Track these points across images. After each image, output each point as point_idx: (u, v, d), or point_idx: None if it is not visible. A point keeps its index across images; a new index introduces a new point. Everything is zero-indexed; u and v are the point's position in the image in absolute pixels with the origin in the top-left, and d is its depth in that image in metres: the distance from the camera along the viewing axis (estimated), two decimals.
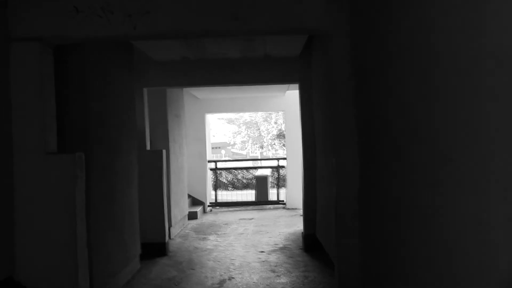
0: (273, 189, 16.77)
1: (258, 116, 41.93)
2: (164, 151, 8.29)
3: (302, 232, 8.53)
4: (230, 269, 7.23)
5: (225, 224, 11.30)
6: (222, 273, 7.03)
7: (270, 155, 53.41)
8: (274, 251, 8.30)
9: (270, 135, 42.00)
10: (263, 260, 7.73)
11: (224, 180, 24.95)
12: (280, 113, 40.25)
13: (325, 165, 6.80)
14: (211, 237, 9.68)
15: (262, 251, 8.29)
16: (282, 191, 14.61)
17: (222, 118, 47.70)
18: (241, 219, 12.01)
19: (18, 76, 4.25)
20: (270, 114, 40.59)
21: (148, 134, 8.27)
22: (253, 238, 9.51)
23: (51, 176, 4.32)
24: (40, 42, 4.26)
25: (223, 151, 60.69)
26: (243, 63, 8.16)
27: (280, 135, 40.94)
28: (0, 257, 4.14)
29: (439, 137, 2.51)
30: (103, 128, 5.87)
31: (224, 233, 10.09)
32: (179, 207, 10.33)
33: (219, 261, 7.72)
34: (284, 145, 42.83)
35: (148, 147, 8.30)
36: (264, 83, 8.37)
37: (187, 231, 10.49)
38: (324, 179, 6.95)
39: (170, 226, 9.51)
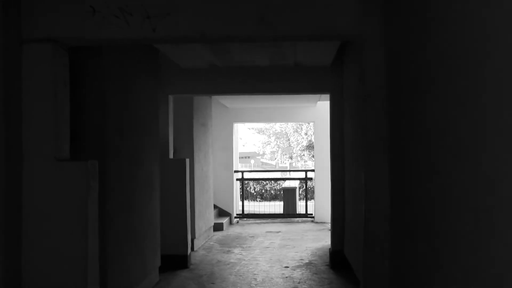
0: (301, 201, 16.46)
1: (289, 126, 41.83)
2: (187, 160, 8.05)
3: (329, 248, 8.17)
4: (252, 285, 6.94)
5: (251, 236, 11.00)
6: None
7: (299, 166, 53.07)
8: (299, 266, 7.97)
9: (300, 146, 41.70)
10: (287, 276, 7.40)
11: (252, 191, 24.69)
12: (311, 124, 40.10)
13: (354, 179, 6.47)
14: (236, 250, 9.39)
15: (286, 267, 7.96)
16: (311, 203, 14.26)
17: (252, 128, 47.64)
18: (268, 231, 11.70)
19: (30, 78, 4.03)
20: (300, 125, 40.39)
21: (171, 142, 8.04)
22: (278, 252, 9.18)
23: (62, 184, 4.07)
24: (54, 43, 4.03)
25: (252, 161, 60.58)
26: (272, 72, 7.88)
27: (310, 146, 40.64)
28: (6, 271, 3.91)
29: (483, 157, 2.18)
30: (123, 136, 5.64)
31: (250, 246, 9.80)
32: (204, 218, 10.07)
33: (241, 276, 7.42)
34: (313, 156, 42.40)
35: (171, 156, 8.07)
36: (293, 92, 8.08)
37: (211, 243, 10.22)
38: (353, 193, 6.62)
39: (193, 237, 9.26)
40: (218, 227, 11.91)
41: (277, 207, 16.19)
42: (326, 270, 7.75)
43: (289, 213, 14.22)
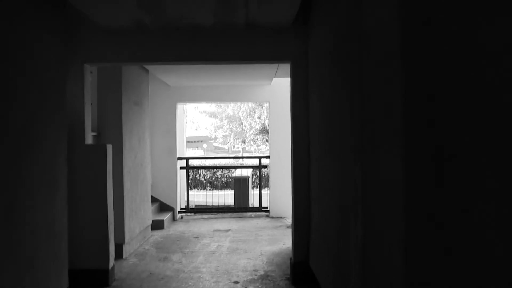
0: (255, 189, 14.83)
1: (242, 110, 40.85)
2: (109, 146, 6.24)
3: (291, 259, 6.50)
4: None
5: (196, 237, 9.27)
6: None
7: (253, 150, 52.00)
8: (252, 281, 6.30)
9: (253, 129, 40.68)
10: None
11: (202, 179, 22.94)
12: (264, 108, 38.94)
13: (326, 170, 4.83)
14: (175, 257, 7.65)
15: (236, 282, 6.28)
16: (265, 192, 12.55)
17: (204, 112, 46.51)
18: (215, 230, 9.99)
19: None
20: (253, 108, 39.38)
21: (89, 124, 6.20)
22: (227, 259, 7.49)
23: None
24: None
25: (205, 145, 59.34)
26: (217, 34, 6.14)
27: (264, 130, 39.91)
28: None
29: None
30: None
31: (192, 251, 8.07)
32: (137, 217, 8.29)
33: None
34: (267, 140, 41.47)
35: (88, 141, 6.25)
36: (244, 60, 6.30)
37: (147, 247, 8.45)
38: (325, 189, 4.99)
39: (122, 243, 7.48)
40: (157, 225, 10.13)
41: (228, 196, 14.53)
42: (286, 286, 6.11)
43: (241, 207, 12.53)
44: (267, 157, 12.01)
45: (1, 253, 3.90)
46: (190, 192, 12.32)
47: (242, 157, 17.16)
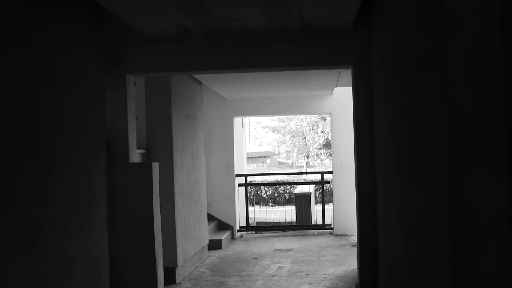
0: (317, 204, 14.14)
1: (304, 124, 40.22)
2: (156, 164, 5.78)
3: (357, 285, 5.82)
4: None
5: (255, 258, 8.69)
6: None
7: (316, 164, 51.23)
8: None
9: (316, 144, 39.99)
10: None
11: (264, 195, 22.39)
12: (327, 122, 38.16)
13: (398, 193, 4.17)
14: (231, 281, 7.10)
15: None
16: (329, 207, 11.82)
17: (267, 127, 46.47)
18: (276, 250, 9.39)
19: None
20: (316, 122, 38.72)
21: (133, 140, 5.76)
22: (287, 284, 6.87)
23: None
24: None
25: (268, 160, 58.89)
26: (269, 38, 5.60)
27: (327, 145, 39.23)
28: None
29: None
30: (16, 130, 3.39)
31: (250, 274, 7.49)
32: (192, 238, 7.81)
33: None
34: (331, 155, 40.46)
35: (135, 159, 5.81)
36: (301, 66, 5.71)
37: (202, 269, 7.95)
38: (395, 208, 4.33)
39: (175, 266, 7.00)
40: (215, 245, 9.62)
41: (290, 212, 13.87)
42: None
43: (303, 225, 11.86)
44: (330, 172, 11.33)
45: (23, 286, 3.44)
46: (251, 209, 11.77)
47: (304, 173, 16.55)
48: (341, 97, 10.80)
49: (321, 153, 41.51)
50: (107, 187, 5.18)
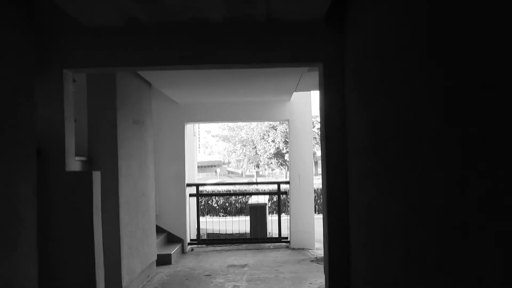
0: (272, 215, 13.51)
1: (255, 133, 39.86)
2: (97, 173, 5.02)
3: None
4: None
5: (207, 275, 7.98)
6: None
7: (267, 174, 50.82)
8: None
9: (267, 153, 39.72)
10: None
11: (215, 204, 21.66)
12: (278, 131, 37.88)
13: (377, 205, 3.58)
14: None
15: None
16: (284, 218, 11.19)
17: (217, 135, 46.00)
18: (230, 265, 8.71)
19: None
20: (267, 131, 38.58)
21: (71, 146, 4.98)
22: None
23: None
24: None
25: (218, 170, 58.33)
26: (230, 31, 4.95)
27: (278, 154, 39.00)
28: None
29: None
30: None
31: None
32: (139, 255, 7.05)
33: None
34: (281, 164, 40.40)
35: (74, 167, 5.05)
36: (265, 62, 5.04)
37: None
38: (373, 228, 3.74)
39: (120, 287, 6.24)
40: (164, 260, 8.86)
41: (243, 223, 13.21)
42: None
43: (258, 237, 11.20)
44: (287, 182, 10.72)
45: None
46: (202, 219, 11.04)
47: (260, 183, 15.91)
48: (299, 104, 10.29)
49: (271, 163, 41.29)
50: (40, 201, 4.42)
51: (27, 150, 4.14)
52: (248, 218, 12.79)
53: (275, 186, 12.36)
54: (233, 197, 21.49)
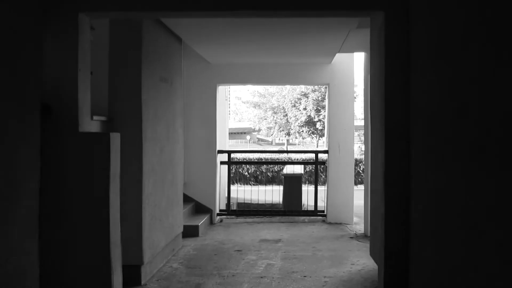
0: (307, 186, 12.78)
1: (286, 101, 39.06)
2: (116, 135, 4.32)
3: None
4: None
5: (238, 251, 7.30)
6: None
7: (297, 142, 50.16)
8: None
9: (298, 121, 38.93)
10: None
11: (245, 173, 21.01)
12: (310, 99, 36.95)
13: (451, 183, 2.80)
14: (210, 284, 5.73)
15: None
16: (322, 189, 10.40)
17: (247, 102, 45.48)
18: (262, 240, 8.02)
19: None
20: (299, 99, 37.56)
21: (86, 103, 4.26)
22: None
23: None
24: None
25: (248, 137, 57.67)
26: None
27: (309, 122, 38.26)
28: None
29: None
30: None
31: (234, 274, 6.12)
32: (163, 227, 6.39)
33: None
34: (313, 133, 39.58)
35: (90, 127, 4.35)
36: (312, 9, 4.21)
37: (175, 265, 6.55)
38: (446, 212, 2.96)
39: (140, 263, 5.59)
40: (191, 232, 8.20)
41: (275, 193, 12.49)
42: None
43: (292, 210, 10.49)
44: (325, 151, 9.92)
45: None
46: (232, 188, 10.40)
47: (295, 151, 15.18)
48: (341, 66, 9.44)
49: (302, 131, 40.58)
50: (45, 166, 3.74)
51: (30, 106, 3.44)
52: (279, 188, 12.11)
53: (309, 155, 11.58)
54: (265, 165, 20.81)
